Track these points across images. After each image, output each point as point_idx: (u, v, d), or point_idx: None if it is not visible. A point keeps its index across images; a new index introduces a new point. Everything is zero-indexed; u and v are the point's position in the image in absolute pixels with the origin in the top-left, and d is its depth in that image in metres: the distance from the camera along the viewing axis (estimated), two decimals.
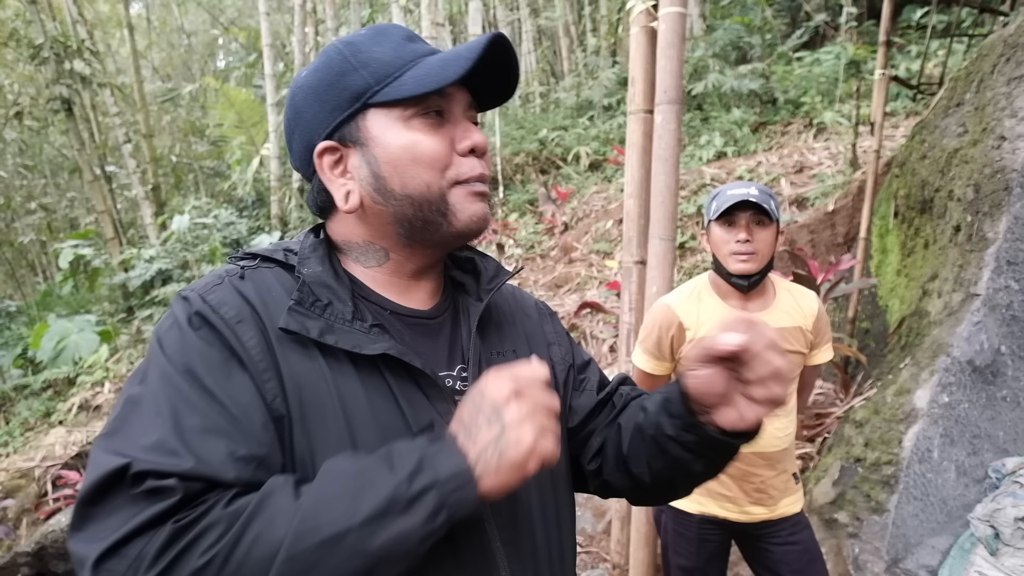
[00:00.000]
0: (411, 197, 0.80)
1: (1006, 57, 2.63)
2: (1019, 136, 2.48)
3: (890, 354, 2.97)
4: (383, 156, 0.79)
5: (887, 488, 2.26)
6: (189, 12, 16.91)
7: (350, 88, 0.79)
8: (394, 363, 0.77)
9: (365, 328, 0.77)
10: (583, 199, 6.99)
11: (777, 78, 7.47)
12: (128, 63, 12.82)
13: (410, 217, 0.80)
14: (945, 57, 5.25)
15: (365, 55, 0.80)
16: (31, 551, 3.80)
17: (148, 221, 9.78)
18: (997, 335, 2.44)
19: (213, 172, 13.39)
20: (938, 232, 2.90)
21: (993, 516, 2.23)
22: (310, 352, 0.74)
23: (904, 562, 2.18)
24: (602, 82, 8.56)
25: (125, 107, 11.73)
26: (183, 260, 8.21)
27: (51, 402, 6.08)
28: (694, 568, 1.94)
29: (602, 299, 4.53)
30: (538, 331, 1.00)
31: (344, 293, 0.79)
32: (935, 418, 2.33)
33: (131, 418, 0.66)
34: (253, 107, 10.43)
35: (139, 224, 11.04)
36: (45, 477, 4.75)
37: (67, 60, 8.32)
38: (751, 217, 1.75)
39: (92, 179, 9.01)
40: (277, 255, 0.82)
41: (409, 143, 0.79)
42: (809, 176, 5.57)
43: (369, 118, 0.79)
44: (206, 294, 0.74)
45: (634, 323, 2.77)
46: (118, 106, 10.19)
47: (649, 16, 2.61)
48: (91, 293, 9.21)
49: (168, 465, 0.61)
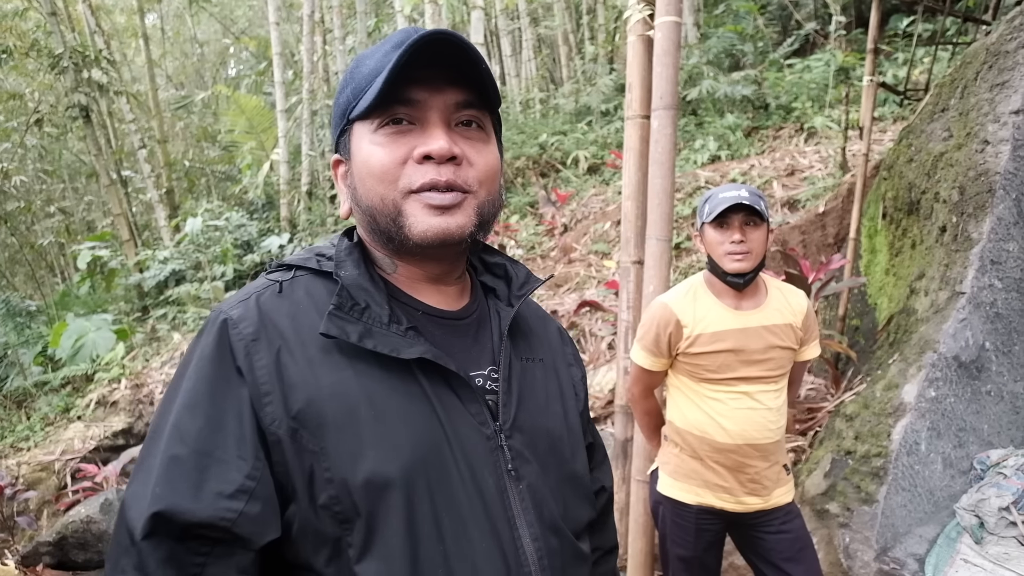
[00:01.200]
0: (370, 208, 0.77)
1: (989, 64, 2.63)
2: (1002, 140, 2.48)
3: (879, 350, 2.97)
4: (355, 169, 0.79)
5: (876, 480, 2.26)
6: (202, 22, 16.91)
7: (340, 105, 0.81)
8: (428, 366, 0.76)
9: (401, 331, 0.76)
10: (582, 201, 6.99)
11: (769, 84, 7.46)
12: (143, 72, 12.83)
13: (374, 228, 0.79)
14: (930, 64, 5.25)
15: (357, 70, 0.79)
16: (52, 540, 3.82)
17: (162, 224, 9.79)
18: (982, 332, 2.45)
19: (225, 176, 13.40)
20: (925, 233, 2.90)
21: (978, 506, 2.24)
22: (347, 358, 0.74)
23: (893, 551, 2.18)
24: (600, 88, 8.55)
25: (140, 114, 11.74)
26: (196, 261, 8.21)
27: (70, 398, 6.08)
28: (692, 557, 1.95)
29: (600, 298, 4.53)
30: (560, 350, 0.99)
31: (380, 296, 0.77)
32: (922, 412, 2.33)
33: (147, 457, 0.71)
34: (263, 113, 10.43)
35: (153, 226, 11.05)
36: (65, 470, 4.76)
37: (85, 69, 8.33)
38: (743, 218, 1.77)
39: (108, 183, 9.02)
40: (310, 263, 0.81)
41: (366, 155, 0.77)
42: (800, 179, 5.56)
43: (353, 133, 0.79)
44: (230, 309, 0.75)
45: (632, 321, 2.77)
46: (133, 113, 10.20)
47: (646, 25, 2.61)
48: (107, 293, 9.21)
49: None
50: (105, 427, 5.22)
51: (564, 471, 0.87)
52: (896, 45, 7.34)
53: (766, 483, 1.86)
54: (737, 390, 1.82)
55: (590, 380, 3.86)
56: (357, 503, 0.69)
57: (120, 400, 5.54)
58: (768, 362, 1.82)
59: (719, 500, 1.89)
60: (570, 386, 0.96)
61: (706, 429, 1.86)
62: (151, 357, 6.43)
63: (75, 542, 3.82)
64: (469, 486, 0.75)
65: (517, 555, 0.77)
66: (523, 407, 0.84)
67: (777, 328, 1.83)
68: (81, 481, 4.47)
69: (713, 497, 1.89)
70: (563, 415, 0.91)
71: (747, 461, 1.84)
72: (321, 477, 0.69)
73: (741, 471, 1.85)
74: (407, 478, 0.71)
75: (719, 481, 1.88)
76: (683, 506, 1.93)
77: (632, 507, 2.73)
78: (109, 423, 5.30)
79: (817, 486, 2.44)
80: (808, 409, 3.28)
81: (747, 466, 1.84)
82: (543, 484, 0.82)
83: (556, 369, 0.95)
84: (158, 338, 7.08)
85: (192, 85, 16.58)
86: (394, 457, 0.71)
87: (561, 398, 0.92)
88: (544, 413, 0.87)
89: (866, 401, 2.52)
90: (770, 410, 1.83)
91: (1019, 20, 2.52)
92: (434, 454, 0.74)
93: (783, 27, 8.89)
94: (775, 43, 8.54)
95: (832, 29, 7.63)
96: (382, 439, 0.71)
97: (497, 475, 0.78)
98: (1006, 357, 2.50)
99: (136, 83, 13.92)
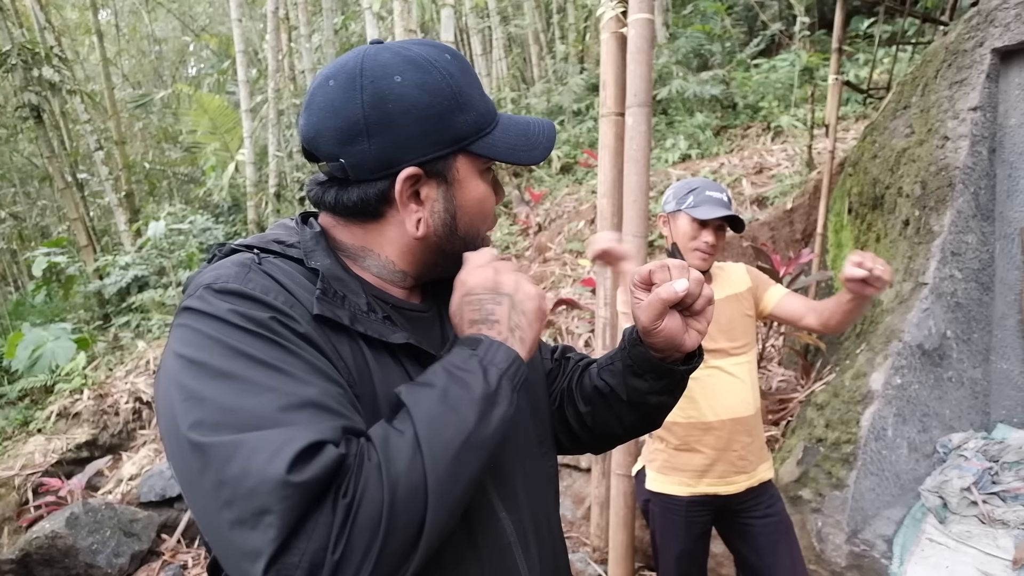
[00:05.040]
0: (465, 240, 0.86)
1: (948, 63, 2.75)
2: (961, 136, 2.61)
3: (847, 341, 3.09)
4: (462, 200, 0.84)
5: (846, 465, 2.36)
6: (159, 19, 16.56)
7: (455, 129, 0.81)
8: (410, 351, 0.81)
9: (379, 319, 0.80)
10: (555, 201, 7.06)
11: (737, 84, 7.64)
12: (98, 70, 12.52)
13: (451, 254, 0.86)
14: (891, 64, 5.45)
15: (466, 97, 0.82)
16: (15, 558, 3.72)
17: (122, 228, 9.56)
18: (943, 321, 2.57)
19: (187, 178, 13.15)
20: (889, 226, 3.02)
21: (941, 487, 2.35)
22: (337, 336, 0.76)
23: (863, 533, 2.28)
24: (571, 88, 8.65)
25: (96, 114, 11.45)
26: (159, 266, 8.06)
27: (28, 411, 5.92)
28: (684, 551, 2.03)
29: (576, 296, 4.61)
30: None
31: (356, 286, 0.81)
32: (889, 399, 2.44)
33: (244, 403, 0.62)
34: (227, 113, 10.25)
35: (113, 231, 10.78)
36: (26, 485, 4.63)
37: (35, 67, 8.09)
38: (719, 223, 1.91)
39: (64, 187, 8.78)
40: (272, 247, 0.80)
41: (484, 195, 0.87)
42: (768, 176, 5.72)
43: (459, 160, 0.83)
44: (245, 284, 0.71)
45: (610, 317, 2.84)
46: (88, 113, 9.94)
47: (619, 22, 2.68)
48: (65, 301, 8.97)
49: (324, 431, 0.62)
50: (68, 439, 5.10)
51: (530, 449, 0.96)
52: (858, 46, 7.59)
53: (751, 458, 1.99)
54: (710, 366, 1.93)
55: None
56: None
57: (83, 411, 5.42)
58: (730, 332, 1.96)
59: (710, 486, 1.98)
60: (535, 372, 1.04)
61: (691, 413, 1.95)
62: (115, 366, 6.30)
63: (40, 558, 3.73)
64: None
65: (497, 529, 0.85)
66: None
67: (730, 300, 1.99)
68: (44, 496, 4.37)
69: (704, 484, 1.99)
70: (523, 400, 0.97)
71: (734, 437, 1.95)
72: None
73: (729, 449, 1.96)
74: None
75: (709, 465, 1.97)
76: (674, 499, 2.01)
77: (612, 501, 2.80)
78: (72, 435, 5.17)
79: (790, 473, 2.54)
80: (780, 400, 3.40)
81: (734, 442, 1.96)
82: (513, 463, 0.90)
83: None
84: (121, 347, 6.93)
85: (150, 84, 16.20)
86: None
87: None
88: None
89: (835, 390, 2.62)
90: (744, 383, 1.97)
91: (976, 20, 2.65)
92: None
93: (749, 28, 9.10)
94: (742, 43, 8.74)
95: (797, 30, 7.85)
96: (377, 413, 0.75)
97: None
98: (966, 345, 2.63)
99: (91, 82, 13.57)
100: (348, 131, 0.78)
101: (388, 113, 0.77)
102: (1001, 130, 2.62)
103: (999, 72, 2.61)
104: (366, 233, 0.85)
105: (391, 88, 0.78)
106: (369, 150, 0.78)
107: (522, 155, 0.84)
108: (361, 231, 0.85)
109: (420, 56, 0.81)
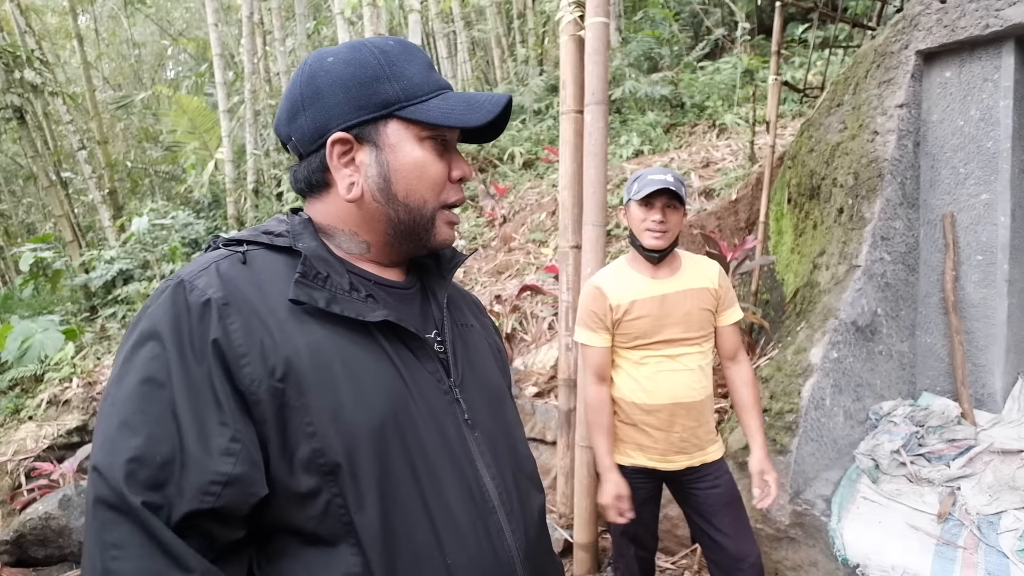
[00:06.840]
0: (408, 206, 0.81)
1: (876, 64, 2.77)
2: (889, 131, 2.63)
3: (788, 320, 3.12)
4: (395, 163, 0.80)
5: (789, 432, 2.38)
6: (138, 24, 15.87)
7: (381, 95, 0.79)
8: (389, 329, 0.79)
9: (362, 298, 0.78)
10: (519, 194, 6.99)
11: (684, 85, 7.65)
12: (79, 73, 11.93)
13: (400, 221, 0.82)
14: (825, 66, 5.51)
15: (398, 68, 0.80)
16: (10, 539, 3.59)
17: (107, 224, 9.19)
18: (874, 299, 2.60)
19: (168, 176, 12.68)
20: (825, 214, 3.05)
21: (873, 451, 2.39)
22: (316, 322, 0.74)
23: (804, 494, 2.31)
24: (532, 88, 8.55)
25: (78, 115, 10.93)
26: (143, 260, 7.77)
27: (19, 399, 5.67)
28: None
29: (540, 282, 4.56)
30: (480, 319, 1.06)
31: (339, 266, 0.80)
32: (827, 371, 2.46)
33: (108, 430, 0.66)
34: (205, 114, 9.92)
35: (98, 227, 10.35)
36: (18, 470, 4.45)
37: (17, 69, 7.68)
38: (666, 201, 1.84)
39: (48, 185, 8.39)
40: (261, 239, 0.80)
41: (421, 160, 0.81)
42: (715, 170, 5.75)
43: (390, 126, 0.80)
44: (192, 277, 0.72)
45: (572, 301, 2.80)
46: (71, 114, 9.48)
47: (577, 26, 2.63)
48: (53, 295, 8.60)
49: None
50: (59, 426, 4.90)
51: (508, 418, 0.95)
52: (794, 50, 7.65)
53: (694, 442, 1.94)
54: (660, 354, 1.89)
55: (534, 358, 3.89)
56: (340, 453, 0.70)
57: (73, 398, 5.21)
58: (686, 323, 1.89)
59: (650, 460, 1.95)
60: (496, 350, 1.03)
61: (634, 395, 1.92)
62: (102, 355, 6.07)
63: (34, 539, 3.60)
64: (435, 435, 0.79)
65: (482, 493, 0.81)
66: (469, 365, 0.89)
67: (692, 292, 1.91)
68: (37, 479, 4.19)
69: (644, 458, 1.96)
70: (498, 372, 0.99)
71: (676, 420, 1.91)
72: (303, 432, 0.70)
73: (671, 431, 1.91)
74: (382, 428, 0.73)
75: (650, 443, 1.94)
76: (619, 468, 1.99)
77: (576, 470, 2.78)
78: (62, 422, 4.97)
79: (739, 441, 2.55)
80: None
81: (676, 425, 1.91)
82: (494, 430, 0.88)
83: (484, 333, 1.02)
84: (108, 336, 6.68)
85: (130, 86, 15.56)
86: (368, 410, 0.73)
87: (492, 358, 1.00)
88: (485, 370, 0.94)
89: (779, 364, 2.64)
90: (691, 371, 1.91)
91: (901, 24, 2.67)
92: (402, 406, 0.76)
93: (695, 33, 9.11)
94: (688, 47, 8.74)
95: (738, 35, 7.89)
96: (357, 393, 0.73)
97: (456, 425, 0.82)
98: (894, 321, 2.67)
99: (72, 85, 12.96)
100: (291, 110, 0.82)
101: (317, 87, 0.80)
102: (925, 125, 2.65)
103: (923, 72, 2.63)
104: (325, 207, 0.84)
105: (322, 66, 0.80)
106: (306, 123, 0.80)
107: (457, 118, 0.79)
108: (321, 205, 0.84)
109: (359, 41, 0.83)
